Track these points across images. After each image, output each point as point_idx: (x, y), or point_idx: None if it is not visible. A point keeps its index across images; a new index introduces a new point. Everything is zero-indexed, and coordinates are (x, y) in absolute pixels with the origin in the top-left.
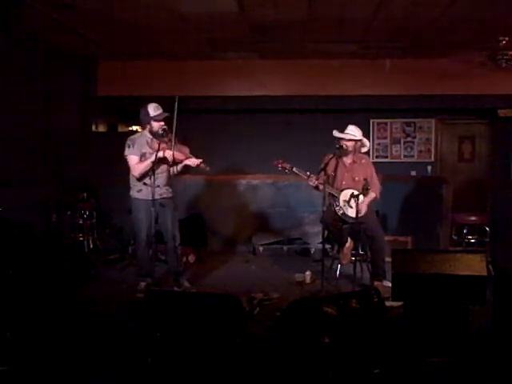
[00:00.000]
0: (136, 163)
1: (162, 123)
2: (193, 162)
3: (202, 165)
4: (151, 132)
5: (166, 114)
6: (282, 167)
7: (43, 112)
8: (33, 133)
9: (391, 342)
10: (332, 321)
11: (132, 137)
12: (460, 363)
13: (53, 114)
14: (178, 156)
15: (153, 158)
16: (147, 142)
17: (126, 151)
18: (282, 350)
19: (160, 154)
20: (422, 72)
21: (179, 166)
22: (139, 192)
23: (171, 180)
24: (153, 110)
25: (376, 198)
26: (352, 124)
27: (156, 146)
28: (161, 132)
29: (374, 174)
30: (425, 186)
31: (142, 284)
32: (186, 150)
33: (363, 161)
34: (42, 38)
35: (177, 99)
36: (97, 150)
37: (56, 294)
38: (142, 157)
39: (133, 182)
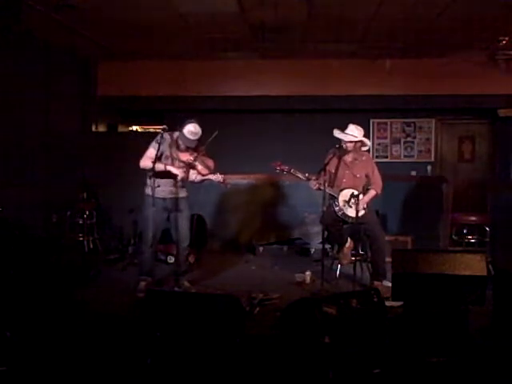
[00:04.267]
0: (149, 156)
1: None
2: (216, 177)
3: (226, 181)
4: (175, 138)
5: (192, 145)
6: (280, 169)
7: (43, 112)
8: (33, 133)
9: (391, 342)
10: (332, 321)
11: (164, 134)
12: (460, 363)
13: (53, 114)
14: (202, 171)
15: (159, 165)
16: (170, 146)
17: (152, 143)
18: (282, 349)
19: (161, 167)
20: (422, 72)
21: (199, 177)
22: (152, 190)
23: (185, 182)
24: (187, 131)
25: (377, 194)
26: (353, 123)
27: (178, 154)
28: (182, 147)
29: (376, 170)
30: (425, 186)
31: (142, 284)
32: (211, 164)
33: (364, 157)
34: (41, 38)
35: (215, 134)
36: (97, 150)
37: (56, 294)
38: (162, 156)
39: (148, 179)
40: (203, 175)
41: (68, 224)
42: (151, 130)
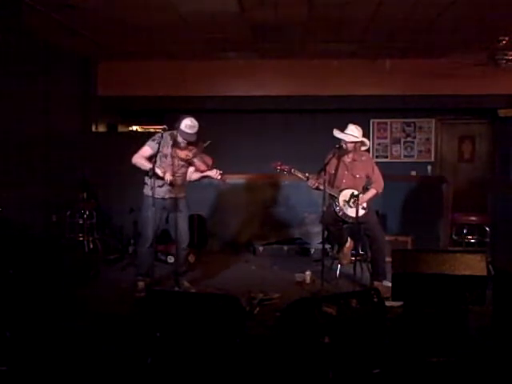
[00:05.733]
0: (141, 154)
1: (185, 141)
2: (214, 173)
3: (223, 177)
4: (175, 137)
5: (192, 139)
6: (280, 169)
7: (43, 112)
8: (33, 133)
9: (391, 342)
10: (332, 321)
11: (164, 133)
12: (460, 363)
13: (53, 114)
14: (200, 166)
15: (148, 165)
16: (170, 145)
17: (149, 142)
18: (282, 350)
19: (159, 172)
20: (422, 72)
21: (197, 175)
22: (152, 190)
23: (185, 181)
24: (184, 125)
25: (377, 193)
26: (353, 123)
27: (177, 152)
28: (181, 145)
29: (376, 169)
30: (425, 186)
31: (141, 284)
32: (210, 161)
33: (363, 158)
34: (41, 38)
35: (208, 143)
36: (97, 150)
37: (56, 294)
38: (159, 154)
39: (146, 179)
40: (201, 171)
41: (68, 224)
42: (151, 130)
